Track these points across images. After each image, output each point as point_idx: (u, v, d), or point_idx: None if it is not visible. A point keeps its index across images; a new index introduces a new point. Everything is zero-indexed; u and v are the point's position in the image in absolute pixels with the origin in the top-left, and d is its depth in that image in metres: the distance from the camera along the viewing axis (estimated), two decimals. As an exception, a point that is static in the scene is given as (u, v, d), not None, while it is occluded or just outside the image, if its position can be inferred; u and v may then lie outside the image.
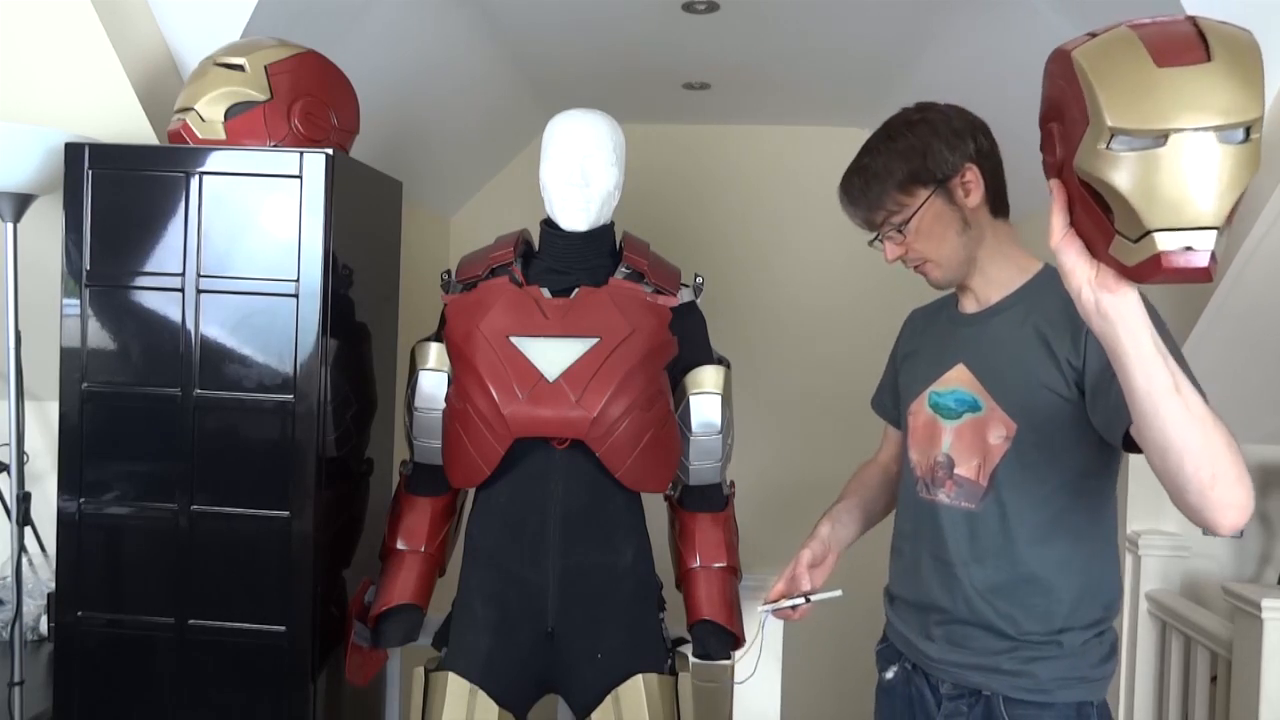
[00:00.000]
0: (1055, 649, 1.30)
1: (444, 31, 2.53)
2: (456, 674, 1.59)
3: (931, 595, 1.39)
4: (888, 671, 1.48)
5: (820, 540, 1.52)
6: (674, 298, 1.68)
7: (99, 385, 1.68)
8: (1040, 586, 1.31)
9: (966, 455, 1.35)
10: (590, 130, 1.64)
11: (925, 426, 1.41)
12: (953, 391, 1.38)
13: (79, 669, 1.70)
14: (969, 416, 1.35)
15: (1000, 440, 1.31)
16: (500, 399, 1.55)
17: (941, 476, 1.37)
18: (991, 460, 1.32)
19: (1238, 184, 0.89)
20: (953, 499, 1.36)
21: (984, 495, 1.32)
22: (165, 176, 1.66)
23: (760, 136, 3.69)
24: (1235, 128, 0.87)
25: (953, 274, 1.38)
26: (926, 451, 1.41)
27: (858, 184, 1.38)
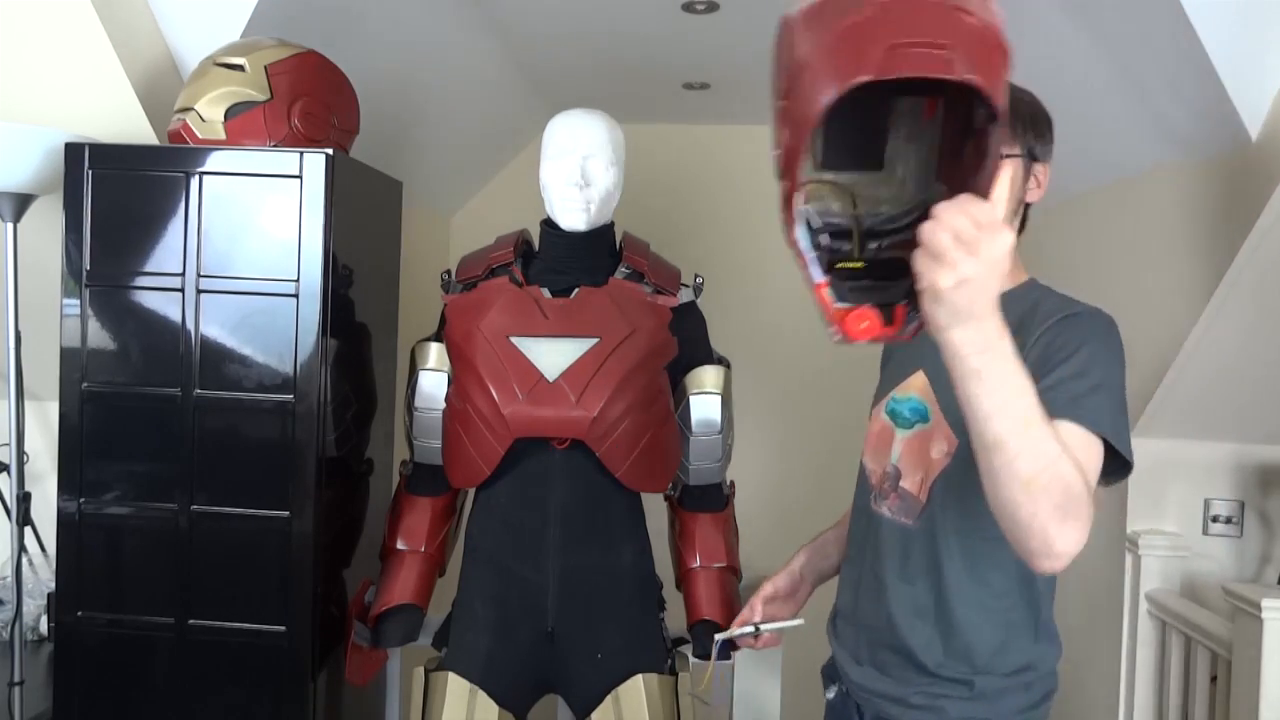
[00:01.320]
0: (966, 689, 1.21)
1: (444, 32, 2.52)
2: (456, 674, 1.59)
3: (864, 613, 1.32)
4: (829, 690, 1.41)
5: (789, 574, 1.52)
6: (674, 298, 1.68)
7: (99, 385, 1.68)
8: (961, 620, 1.21)
9: (911, 468, 1.26)
10: (590, 130, 1.64)
11: (879, 433, 1.33)
12: (909, 399, 1.29)
13: (79, 669, 1.70)
14: (919, 427, 1.26)
15: (941, 455, 1.22)
16: (500, 399, 1.55)
17: (887, 489, 1.29)
18: (931, 475, 1.23)
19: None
20: (894, 513, 1.28)
21: (921, 512, 1.24)
22: (165, 176, 1.66)
23: (760, 136, 3.65)
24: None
25: None
26: (880, 460, 1.32)
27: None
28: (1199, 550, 2.45)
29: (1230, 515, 2.48)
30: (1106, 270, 2.43)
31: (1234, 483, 2.48)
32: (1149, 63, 1.94)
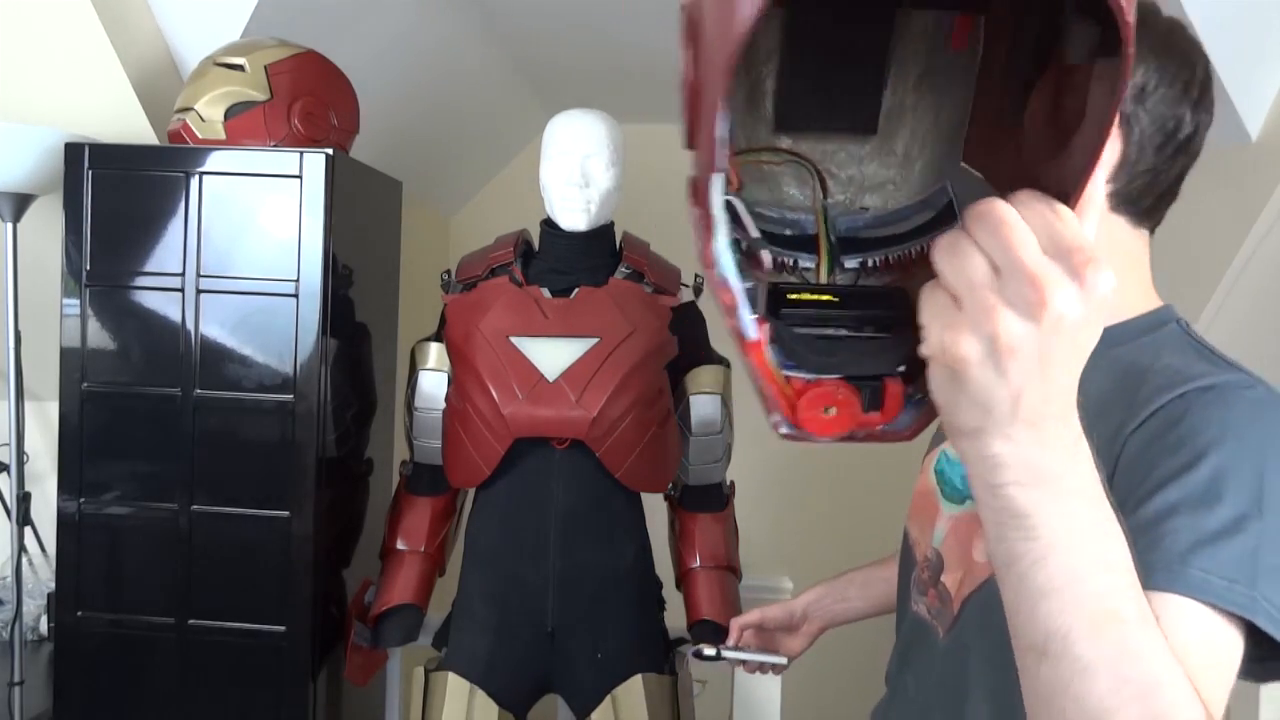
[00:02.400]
0: None
1: (444, 31, 2.53)
2: (456, 674, 1.59)
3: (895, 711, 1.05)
4: None
5: (786, 608, 1.31)
6: (674, 297, 1.68)
7: (99, 385, 1.68)
8: None
9: (954, 561, 0.91)
10: (590, 130, 1.64)
11: (924, 497, 1.00)
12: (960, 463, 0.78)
13: (79, 669, 1.70)
14: (970, 506, 0.91)
15: (985, 560, 0.85)
16: (500, 399, 1.55)
17: (928, 579, 0.95)
18: (970, 584, 0.88)
19: None
20: (930, 614, 0.95)
21: (951, 626, 0.90)
22: (165, 176, 1.66)
23: (760, 136, 3.68)
24: None
25: None
26: (923, 531, 0.98)
27: None
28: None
29: (1230, 515, 2.48)
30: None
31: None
32: (1149, 63, 1.93)
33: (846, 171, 0.57)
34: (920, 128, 0.56)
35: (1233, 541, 0.64)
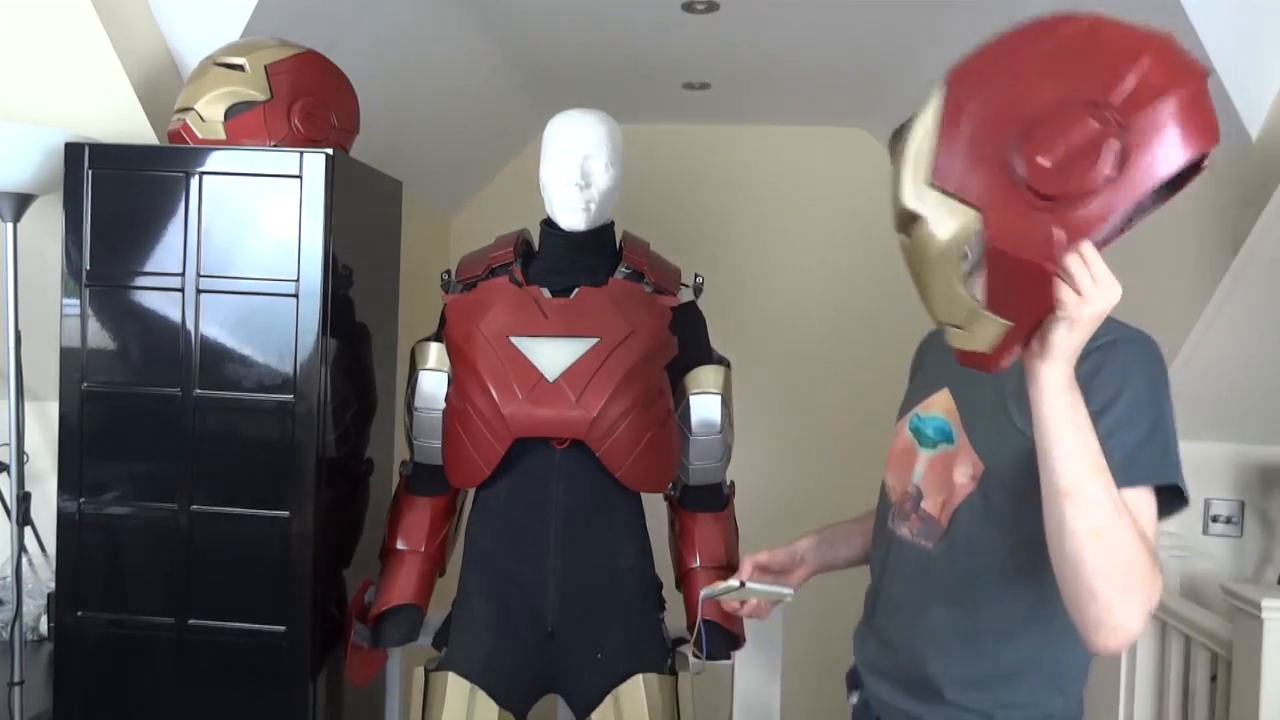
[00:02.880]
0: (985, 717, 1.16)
1: (444, 32, 2.53)
2: (456, 674, 1.59)
3: (883, 630, 1.29)
4: (852, 696, 1.38)
5: (788, 551, 1.49)
6: (674, 297, 1.68)
7: (99, 385, 1.68)
8: (977, 646, 1.17)
9: (934, 490, 1.21)
10: (590, 130, 1.64)
11: (903, 451, 1.29)
12: (933, 418, 1.25)
13: (79, 669, 1.70)
14: (943, 448, 1.21)
15: (966, 480, 1.16)
16: (500, 399, 1.55)
17: (908, 509, 1.25)
18: (954, 500, 1.17)
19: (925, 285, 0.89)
20: (914, 535, 1.23)
21: (942, 536, 1.19)
22: (165, 176, 1.66)
23: (760, 136, 3.69)
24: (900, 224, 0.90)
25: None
26: (902, 478, 1.28)
27: None
28: (1199, 550, 2.45)
29: (1230, 515, 2.48)
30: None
31: (1234, 483, 2.48)
32: (1149, 63, 1.93)
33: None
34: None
35: (1150, 444, 1.04)
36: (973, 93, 0.82)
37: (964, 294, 0.86)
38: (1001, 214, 0.79)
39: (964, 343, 0.88)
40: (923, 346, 1.46)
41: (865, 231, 3.67)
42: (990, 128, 0.80)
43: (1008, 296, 0.83)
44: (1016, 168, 0.78)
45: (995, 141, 0.79)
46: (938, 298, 0.87)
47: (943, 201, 0.83)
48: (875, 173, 3.65)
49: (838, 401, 3.49)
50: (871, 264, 3.60)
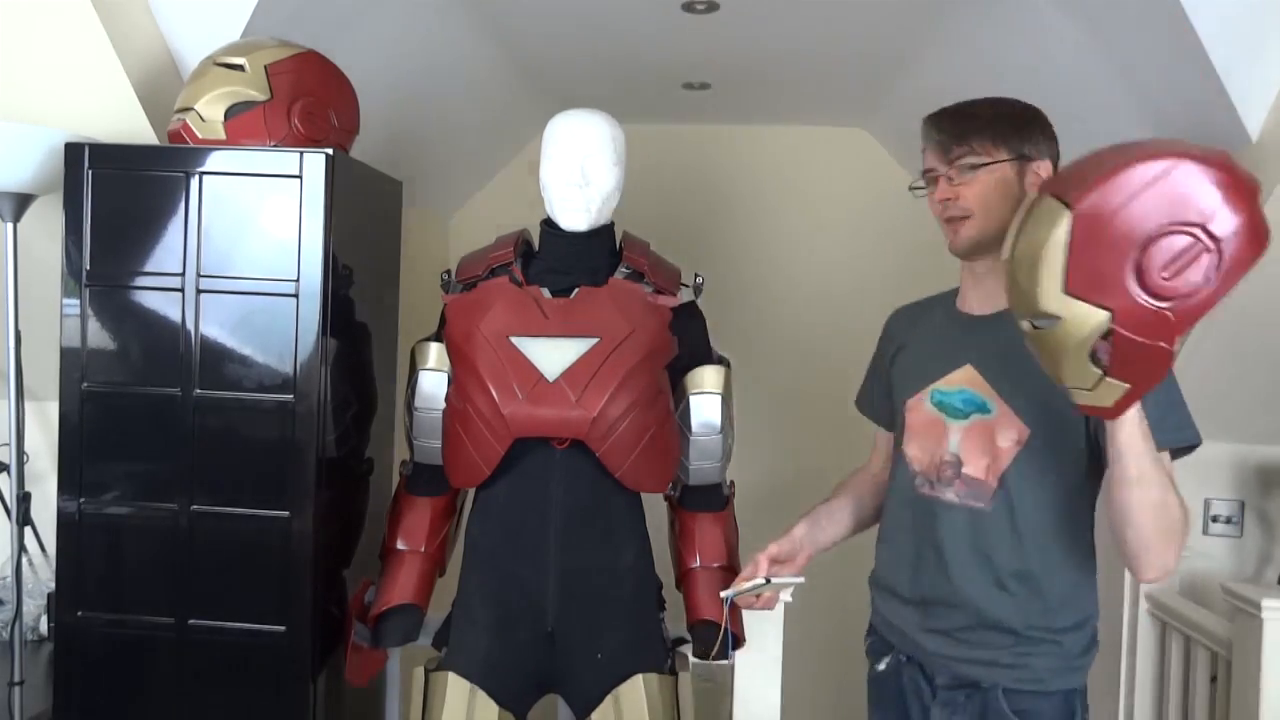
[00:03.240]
0: (1052, 645, 1.36)
1: (444, 31, 2.53)
2: (456, 674, 1.59)
3: (935, 590, 1.41)
4: (880, 663, 1.51)
5: (791, 539, 1.54)
6: (674, 297, 1.68)
7: (99, 385, 1.68)
8: (1039, 585, 1.36)
9: (975, 456, 1.38)
10: (590, 130, 1.64)
11: (928, 424, 1.44)
12: (959, 391, 1.41)
13: (79, 669, 1.70)
14: (977, 418, 1.38)
15: (1011, 444, 1.35)
16: (500, 399, 1.55)
17: (950, 475, 1.40)
18: (1001, 462, 1.36)
19: (1055, 363, 1.10)
20: (961, 498, 1.39)
21: (993, 496, 1.37)
22: (165, 176, 1.66)
23: (760, 136, 3.69)
24: (1036, 318, 1.08)
25: (980, 240, 1.38)
26: (929, 449, 1.43)
27: (954, 116, 1.41)
28: (1199, 550, 2.44)
29: (1230, 515, 2.48)
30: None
31: (1234, 483, 2.48)
32: (1149, 62, 1.94)
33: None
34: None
35: (1173, 413, 1.28)
36: (1100, 220, 1.02)
37: (1093, 369, 1.07)
38: (1128, 313, 1.03)
39: (1089, 400, 1.10)
40: (892, 329, 1.61)
41: (865, 231, 3.68)
42: (1116, 247, 1.02)
43: (1130, 368, 1.06)
44: (1137, 278, 1.02)
45: (1120, 258, 1.02)
46: (1071, 372, 1.09)
47: (1079, 305, 1.04)
48: (875, 173, 3.66)
49: (838, 401, 3.47)
50: (871, 263, 3.60)
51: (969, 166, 1.37)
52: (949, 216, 1.40)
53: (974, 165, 1.36)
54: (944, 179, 1.39)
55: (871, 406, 1.65)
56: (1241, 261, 1.01)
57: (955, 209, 1.38)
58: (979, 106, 1.42)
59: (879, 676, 1.52)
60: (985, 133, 1.37)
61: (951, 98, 1.45)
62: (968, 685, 1.39)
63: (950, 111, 1.43)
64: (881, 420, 1.63)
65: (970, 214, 1.37)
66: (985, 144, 1.36)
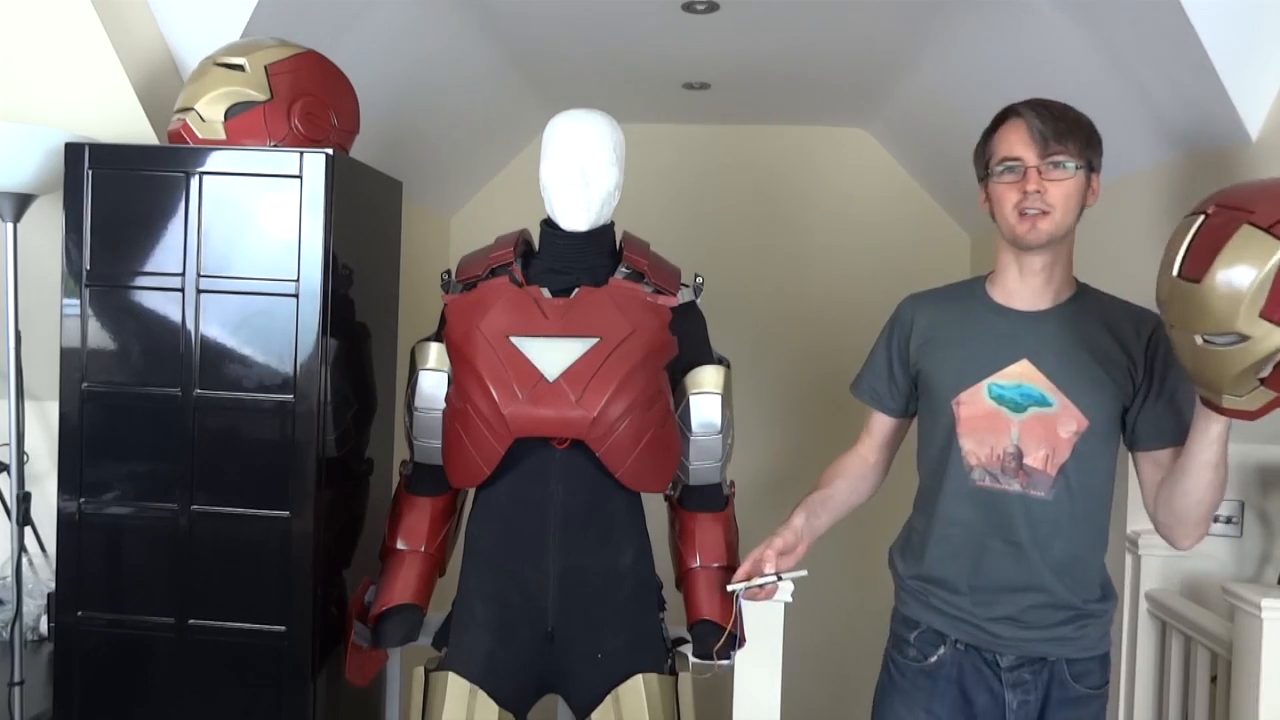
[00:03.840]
0: (1101, 615, 1.51)
1: (444, 31, 2.53)
2: (456, 674, 1.59)
3: (1002, 576, 1.50)
4: (931, 656, 1.55)
5: (793, 530, 1.59)
6: (674, 298, 1.67)
7: (99, 385, 1.68)
8: (1089, 562, 1.51)
9: (1034, 447, 1.46)
10: (590, 130, 1.64)
11: (986, 417, 1.49)
12: (1017, 386, 1.48)
13: (79, 669, 1.70)
14: (1035, 410, 1.46)
15: (1071, 435, 1.45)
16: (500, 399, 1.55)
17: (1012, 467, 1.48)
18: (1061, 452, 1.46)
19: (1220, 373, 1.19)
20: (1025, 487, 1.47)
21: (1053, 484, 1.47)
22: (165, 176, 1.66)
23: (760, 136, 3.69)
24: (1215, 335, 1.17)
25: (1055, 236, 1.45)
26: (988, 441, 1.49)
27: (1055, 113, 1.45)
28: (1199, 550, 2.44)
29: (1230, 515, 2.48)
30: (1107, 268, 2.43)
31: (1234, 483, 2.47)
32: (1149, 62, 1.94)
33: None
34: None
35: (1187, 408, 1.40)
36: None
37: (1254, 380, 1.19)
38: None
39: (1235, 405, 1.22)
40: (910, 317, 1.62)
41: (865, 231, 3.68)
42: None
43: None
44: None
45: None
46: (1236, 381, 1.19)
47: (1269, 328, 1.14)
48: (875, 173, 3.66)
49: (838, 401, 3.48)
50: (872, 263, 3.60)
51: (1069, 166, 1.42)
52: (1029, 208, 1.43)
53: (1074, 166, 1.43)
54: (1034, 170, 1.42)
55: (874, 392, 1.67)
56: None
57: (1041, 203, 1.42)
58: (1069, 109, 1.46)
59: (929, 668, 1.55)
60: (1077, 137, 1.43)
61: (951, 98, 1.46)
62: (1035, 662, 1.49)
63: (1050, 106, 1.46)
64: (888, 407, 1.66)
65: (1052, 211, 1.43)
66: (1075, 147, 1.43)
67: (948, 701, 1.54)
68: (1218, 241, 1.16)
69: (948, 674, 1.53)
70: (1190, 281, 1.18)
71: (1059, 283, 1.50)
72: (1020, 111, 1.46)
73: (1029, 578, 1.48)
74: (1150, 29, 1.83)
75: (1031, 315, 1.50)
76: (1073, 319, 1.48)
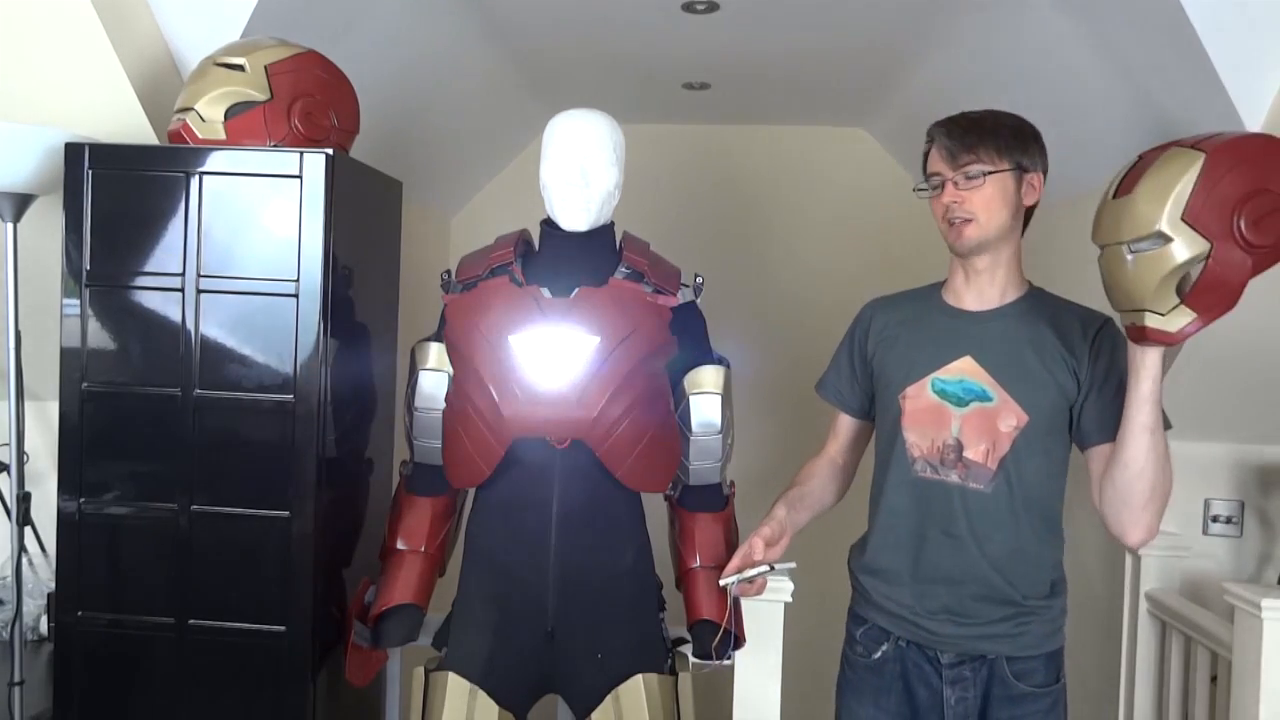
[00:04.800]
0: (1045, 611, 1.51)
1: (444, 31, 2.53)
2: (456, 674, 1.59)
3: (939, 569, 1.51)
4: (875, 652, 1.58)
5: (777, 521, 1.60)
6: (674, 297, 1.67)
7: (99, 385, 1.68)
8: (1032, 557, 1.51)
9: (975, 440, 1.50)
10: (590, 130, 1.64)
11: (929, 410, 1.53)
12: (960, 381, 1.51)
13: (79, 669, 1.70)
14: (977, 405, 1.50)
15: (1010, 429, 1.48)
16: (500, 399, 1.55)
17: (952, 459, 1.51)
18: (1001, 446, 1.48)
19: (1144, 284, 1.24)
20: (964, 479, 1.50)
21: (993, 477, 1.49)
22: (165, 176, 1.66)
23: (760, 136, 3.69)
24: (1140, 240, 1.24)
25: (982, 241, 1.49)
26: (929, 434, 1.53)
27: (963, 125, 1.51)
28: (1199, 550, 2.45)
29: (1230, 515, 2.49)
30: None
31: (1234, 483, 2.48)
32: (1149, 62, 1.94)
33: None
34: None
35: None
36: (1227, 166, 1.21)
37: (1174, 296, 1.23)
38: (1224, 249, 1.21)
39: (1159, 324, 1.24)
40: (871, 319, 1.67)
41: (865, 231, 3.68)
42: (1231, 192, 1.20)
43: (1205, 299, 1.23)
44: (1237, 221, 1.20)
45: (1232, 203, 1.20)
46: (1156, 295, 1.24)
47: (1190, 232, 1.21)
48: (875, 173, 3.66)
49: (838, 401, 3.48)
50: (871, 263, 3.60)
51: (976, 173, 1.47)
52: (953, 218, 1.50)
53: (982, 172, 1.47)
54: (950, 184, 1.49)
55: (838, 392, 1.72)
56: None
57: (961, 212, 1.49)
58: (984, 118, 1.51)
59: (875, 664, 1.58)
60: (990, 143, 1.48)
61: (951, 98, 1.46)
62: (974, 659, 1.50)
63: (959, 120, 1.52)
64: (850, 407, 1.71)
65: (974, 217, 1.48)
66: (990, 154, 1.48)
67: (894, 696, 1.56)
68: (1147, 163, 1.27)
69: (892, 670, 1.56)
70: (1121, 198, 1.27)
71: (1003, 283, 1.54)
72: (931, 130, 1.54)
73: (967, 569, 1.49)
74: (1150, 29, 1.83)
75: (978, 314, 1.54)
76: (1018, 318, 1.52)
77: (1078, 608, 2.64)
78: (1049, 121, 1.58)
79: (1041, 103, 2.40)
